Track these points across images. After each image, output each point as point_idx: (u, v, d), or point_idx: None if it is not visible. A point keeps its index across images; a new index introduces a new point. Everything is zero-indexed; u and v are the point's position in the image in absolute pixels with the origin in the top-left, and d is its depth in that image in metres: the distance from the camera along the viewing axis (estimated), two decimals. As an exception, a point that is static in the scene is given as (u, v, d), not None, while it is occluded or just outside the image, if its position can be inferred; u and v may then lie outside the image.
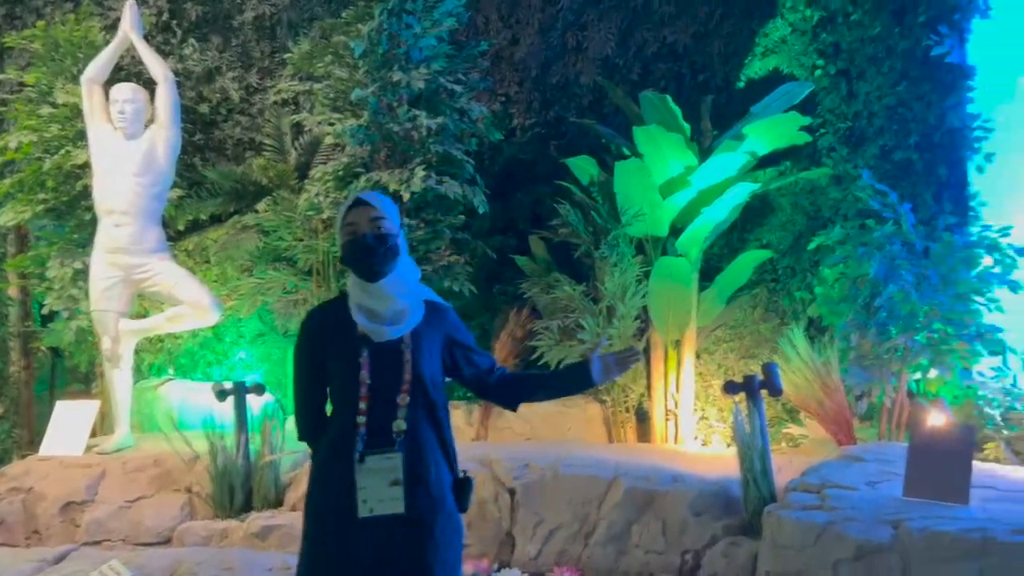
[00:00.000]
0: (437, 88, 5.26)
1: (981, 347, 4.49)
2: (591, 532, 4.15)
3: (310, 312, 2.52)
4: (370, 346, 2.36)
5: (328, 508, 2.34)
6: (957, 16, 5.01)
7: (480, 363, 2.51)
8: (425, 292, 2.47)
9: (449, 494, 2.37)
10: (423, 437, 2.35)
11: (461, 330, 2.51)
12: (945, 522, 3.08)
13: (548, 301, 5.58)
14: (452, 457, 2.43)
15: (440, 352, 2.43)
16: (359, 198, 2.38)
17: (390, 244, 2.34)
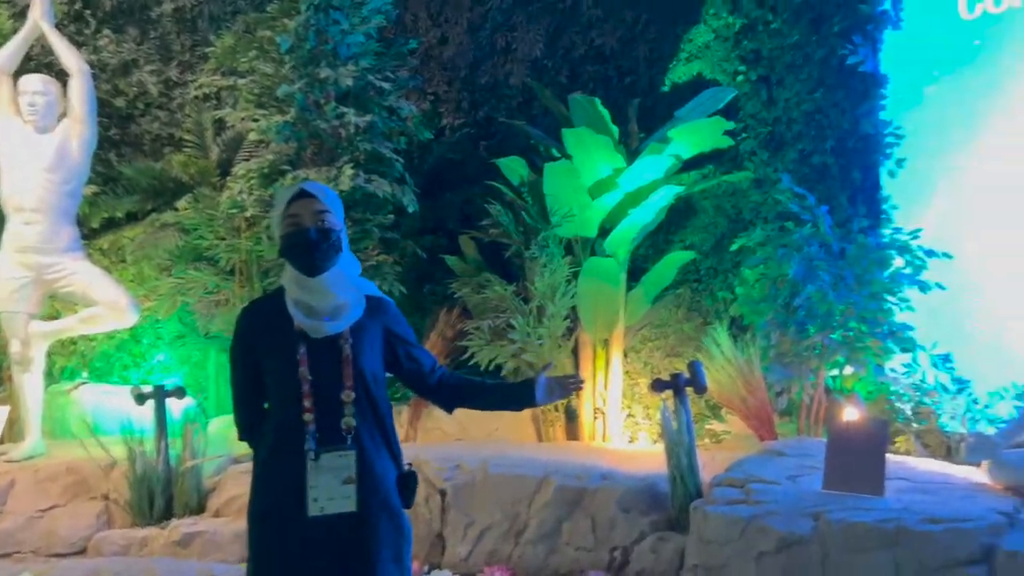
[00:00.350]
0: (366, 85, 5.21)
1: (893, 344, 4.69)
2: (522, 531, 4.16)
3: (245, 308, 2.46)
4: (308, 342, 2.31)
5: (274, 508, 2.29)
6: (870, 27, 5.22)
7: (421, 360, 2.48)
8: (366, 286, 2.42)
9: (394, 491, 2.35)
10: (368, 434, 2.32)
11: (402, 325, 2.47)
12: (862, 513, 3.21)
13: (478, 301, 5.58)
14: (396, 453, 2.40)
15: (381, 347, 2.40)
16: (303, 189, 2.31)
17: (333, 239, 2.28)
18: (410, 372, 2.48)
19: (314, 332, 2.29)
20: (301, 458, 2.24)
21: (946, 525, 3.02)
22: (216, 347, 5.98)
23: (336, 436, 2.27)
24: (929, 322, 4.83)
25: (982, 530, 2.97)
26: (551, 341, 5.41)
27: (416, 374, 2.49)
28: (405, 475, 2.38)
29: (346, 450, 2.26)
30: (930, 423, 4.66)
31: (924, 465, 4.08)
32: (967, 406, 4.50)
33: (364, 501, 2.27)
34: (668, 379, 4.20)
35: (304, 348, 2.30)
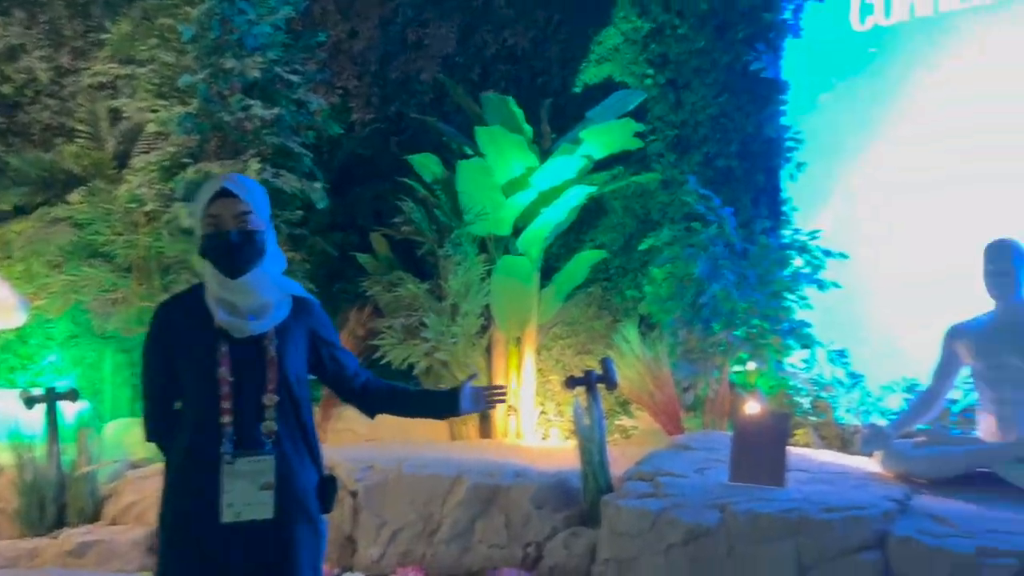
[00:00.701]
0: (273, 78, 5.07)
1: (793, 341, 4.88)
2: (435, 531, 4.14)
3: (162, 303, 2.35)
4: (229, 341, 2.22)
5: (187, 514, 2.20)
6: (772, 34, 5.41)
7: (345, 363, 2.41)
8: (291, 285, 2.35)
9: (314, 497, 2.27)
10: (289, 437, 2.24)
11: (327, 326, 2.40)
12: (765, 504, 3.32)
13: (390, 299, 5.52)
14: (317, 457, 2.33)
15: (306, 349, 2.32)
16: (225, 188, 2.20)
17: (256, 242, 2.20)
18: (333, 375, 2.41)
19: (236, 331, 2.21)
20: (217, 462, 2.16)
21: (843, 513, 3.15)
22: (112, 347, 5.72)
23: (255, 440, 2.19)
24: (826, 319, 5.04)
25: (875, 517, 3.12)
26: (465, 339, 5.40)
27: (339, 377, 2.42)
28: (325, 480, 2.32)
29: (265, 455, 2.18)
30: (827, 416, 4.86)
31: (822, 456, 4.26)
32: (861, 399, 4.72)
33: (282, 508, 2.19)
34: (581, 376, 4.25)
35: (225, 347, 2.21)
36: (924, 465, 3.63)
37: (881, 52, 5.04)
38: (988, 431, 3.73)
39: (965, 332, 3.79)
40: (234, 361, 2.20)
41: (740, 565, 3.20)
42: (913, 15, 4.87)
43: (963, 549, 2.83)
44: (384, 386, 2.48)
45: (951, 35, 4.73)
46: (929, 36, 4.82)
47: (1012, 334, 3.61)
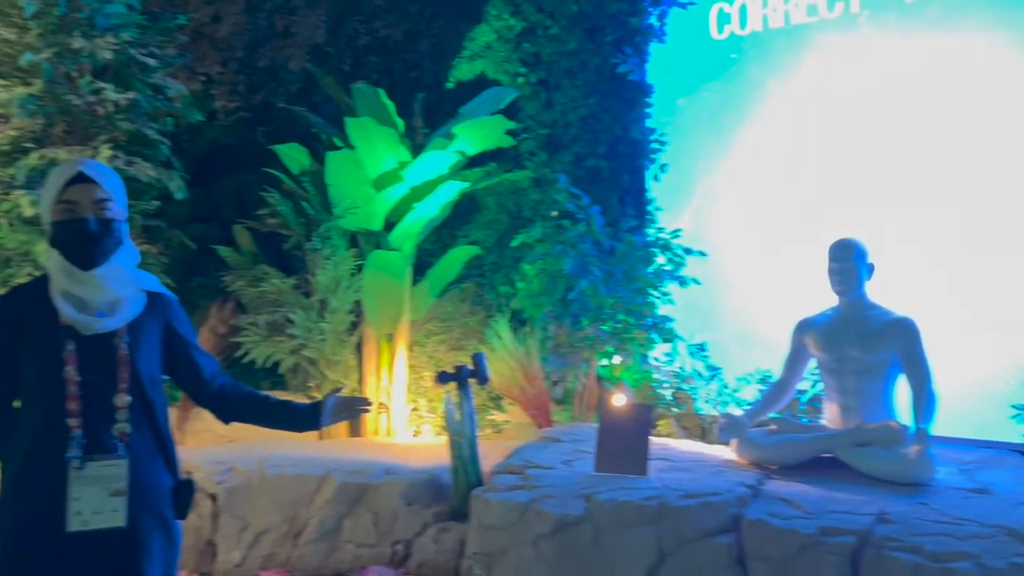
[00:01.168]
0: (127, 60, 4.78)
1: (656, 335, 5.06)
2: (301, 532, 4.03)
3: (2, 296, 2.20)
4: (77, 339, 2.10)
5: (29, 523, 2.06)
6: (639, 39, 5.59)
7: (202, 365, 2.33)
8: (146, 280, 2.24)
9: (169, 502, 2.20)
10: (143, 441, 2.15)
11: (185, 324, 2.31)
12: (628, 493, 3.42)
13: (255, 295, 5.32)
14: (173, 461, 2.24)
15: (160, 347, 2.23)
16: (82, 172, 2.08)
17: (115, 231, 2.10)
18: (189, 376, 2.33)
19: (84, 328, 2.10)
20: (63, 467, 2.04)
21: (700, 499, 3.29)
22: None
23: (106, 443, 2.09)
24: (688, 314, 5.26)
25: (730, 502, 3.28)
26: (334, 336, 5.29)
27: (195, 379, 2.34)
28: (181, 484, 2.24)
29: (117, 459, 2.08)
30: (688, 407, 5.08)
31: (682, 446, 4.43)
32: (719, 391, 4.94)
33: (135, 515, 2.11)
34: (452, 371, 4.24)
35: (72, 345, 2.10)
36: (775, 452, 3.83)
37: (739, 59, 5.30)
38: (832, 419, 3.98)
39: (811, 326, 4.03)
40: (82, 360, 2.09)
41: (605, 552, 3.28)
42: (767, 26, 5.15)
43: (808, 529, 3.02)
44: (242, 393, 2.40)
45: (801, 46, 5.03)
46: (781, 46, 5.11)
47: (853, 328, 3.87)
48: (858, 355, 3.84)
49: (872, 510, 3.14)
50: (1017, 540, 2.83)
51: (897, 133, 4.62)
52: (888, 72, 4.67)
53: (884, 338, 3.80)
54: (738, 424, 4.00)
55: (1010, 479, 3.55)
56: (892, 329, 3.80)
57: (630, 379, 5.23)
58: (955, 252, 4.44)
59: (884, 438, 3.63)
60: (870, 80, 4.72)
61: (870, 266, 3.90)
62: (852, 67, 4.80)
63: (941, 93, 4.49)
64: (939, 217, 4.48)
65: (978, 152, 4.37)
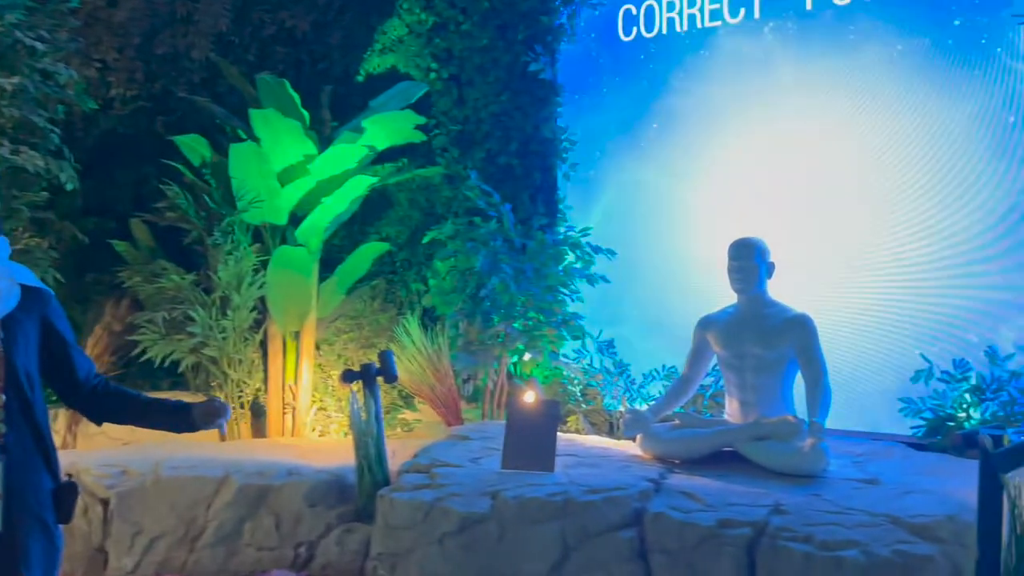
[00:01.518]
0: (14, 43, 4.51)
1: (566, 332, 5.09)
2: (198, 536, 3.89)
3: None
4: None
5: None
6: (550, 38, 5.61)
7: (78, 364, 2.24)
8: (20, 273, 2.14)
9: (49, 507, 2.12)
10: (20, 442, 2.06)
11: (63, 321, 2.22)
12: (534, 489, 3.43)
13: (152, 291, 5.12)
14: (53, 463, 2.16)
15: (37, 345, 2.14)
16: None
17: None
18: (64, 376, 2.24)
19: None
20: None
21: (604, 494, 3.33)
22: None
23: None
24: (595, 312, 5.32)
25: (633, 496, 3.32)
26: (236, 334, 5.13)
27: (70, 379, 2.24)
28: (62, 487, 2.16)
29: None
30: (596, 403, 5.13)
31: (590, 441, 4.47)
32: (626, 387, 5.01)
33: (13, 518, 2.03)
34: (358, 370, 4.17)
35: None
36: (677, 446, 3.90)
37: (647, 59, 5.38)
38: (733, 414, 4.09)
39: (713, 323, 4.12)
40: None
41: (511, 549, 3.28)
42: (672, 29, 5.24)
43: (707, 522, 3.09)
44: (118, 392, 2.32)
45: (707, 48, 5.14)
46: (687, 48, 5.21)
47: (752, 325, 3.98)
48: (758, 351, 3.94)
49: (768, 502, 3.23)
50: (901, 528, 2.96)
51: (799, 132, 4.76)
52: (789, 75, 4.82)
53: (782, 335, 3.92)
54: (643, 419, 4.06)
55: (897, 470, 3.71)
56: (789, 326, 3.92)
57: (540, 376, 5.26)
58: (851, 246, 4.60)
59: (781, 432, 3.74)
60: (773, 82, 4.86)
61: (771, 265, 4.01)
62: (756, 68, 4.92)
63: (837, 96, 4.65)
64: (837, 214, 4.65)
65: (873, 152, 4.55)
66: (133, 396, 2.34)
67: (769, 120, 4.86)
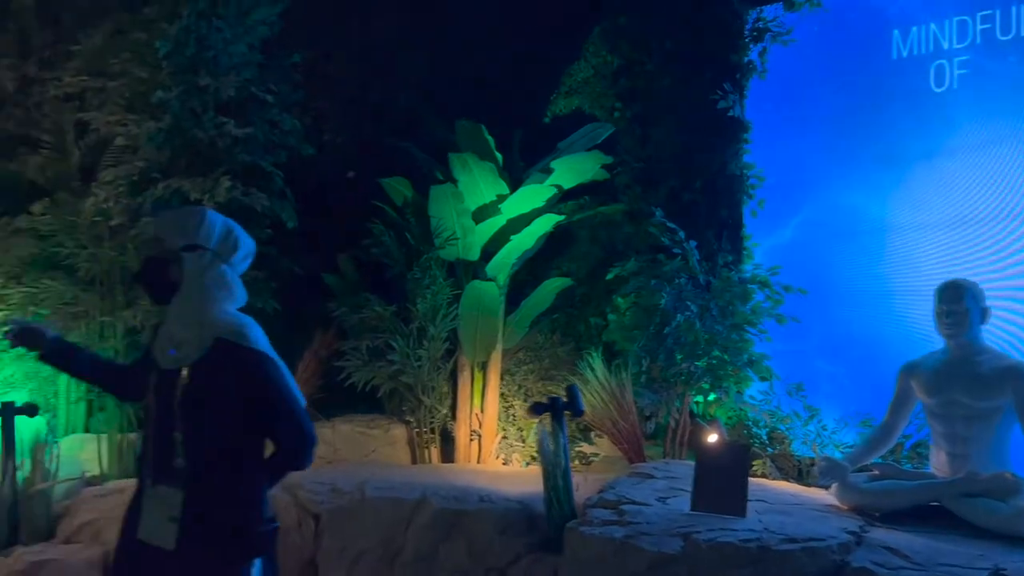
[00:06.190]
0: (248, 97, 5.07)
1: (752, 373, 5.00)
2: (397, 555, 4.13)
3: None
4: (158, 371, 2.30)
5: (127, 519, 2.33)
6: (738, 75, 5.58)
7: (275, 429, 2.29)
8: (228, 327, 2.26)
9: (231, 541, 2.24)
10: (207, 477, 2.23)
11: (263, 385, 2.25)
12: (727, 533, 3.39)
13: (356, 321, 5.52)
14: (247, 500, 2.27)
15: (232, 397, 2.23)
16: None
17: (158, 270, 2.28)
18: (264, 433, 2.30)
19: (161, 360, 2.28)
20: (143, 482, 2.30)
21: (802, 544, 3.24)
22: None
23: (169, 472, 2.23)
24: (784, 353, 5.18)
25: (833, 549, 3.21)
26: (430, 363, 5.42)
27: (270, 437, 2.30)
28: (241, 528, 2.23)
29: (173, 488, 2.21)
30: (783, 447, 4.98)
31: (779, 487, 4.35)
32: (817, 432, 4.84)
33: (186, 544, 2.20)
34: (546, 402, 4.29)
35: (154, 377, 2.29)
36: (877, 498, 3.73)
37: (852, 87, 5.19)
38: (939, 465, 3.86)
39: (919, 369, 3.92)
40: (157, 391, 2.27)
41: (701, 593, 3.26)
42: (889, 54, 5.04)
43: (918, 581, 2.93)
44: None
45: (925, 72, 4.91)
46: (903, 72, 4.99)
47: (962, 372, 3.75)
48: (967, 401, 3.72)
49: (986, 565, 3.03)
50: None
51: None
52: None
53: (996, 384, 3.67)
54: (839, 468, 3.91)
55: None
56: (1005, 375, 3.67)
57: (723, 417, 5.18)
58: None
59: (997, 489, 3.49)
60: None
61: (984, 309, 3.78)
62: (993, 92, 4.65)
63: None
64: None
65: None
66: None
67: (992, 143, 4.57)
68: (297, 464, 2.33)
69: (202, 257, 2.29)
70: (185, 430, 2.21)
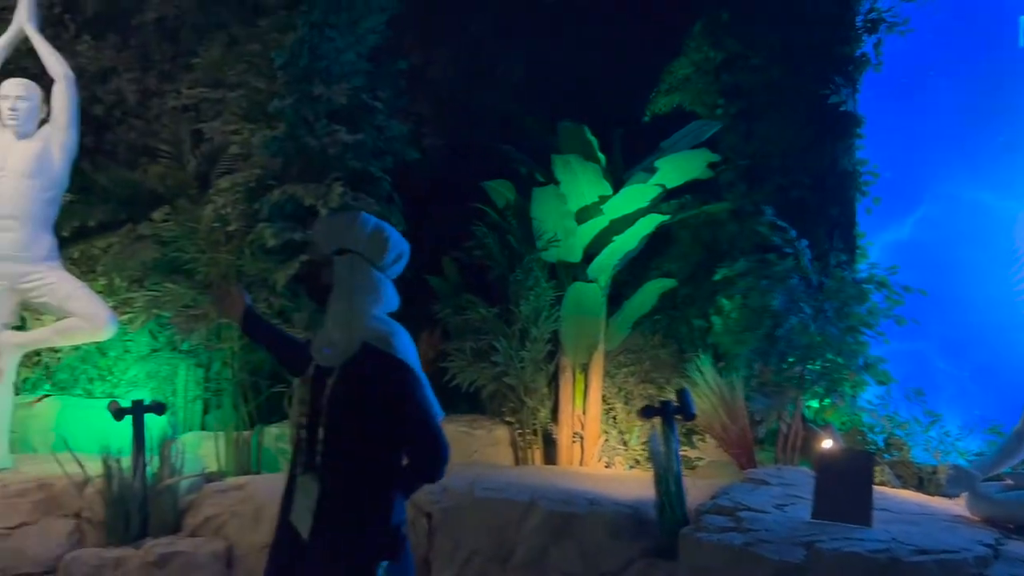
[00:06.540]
0: (358, 104, 5.19)
1: (869, 377, 4.82)
2: (509, 556, 4.15)
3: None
4: (316, 365, 2.36)
5: (282, 501, 2.42)
6: (851, 68, 5.39)
7: (409, 442, 2.31)
8: (379, 335, 2.30)
9: (359, 543, 2.27)
10: (344, 478, 2.27)
11: (400, 394, 2.27)
12: (854, 544, 3.28)
13: (459, 323, 5.58)
14: (377, 506, 2.30)
15: (372, 403, 2.26)
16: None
17: (309, 274, 2.45)
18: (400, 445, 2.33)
19: (318, 356, 2.36)
20: (295, 469, 2.39)
21: (935, 556, 3.11)
22: (187, 362, 5.84)
23: (313, 463, 2.31)
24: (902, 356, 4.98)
25: (970, 562, 3.07)
26: (532, 365, 5.43)
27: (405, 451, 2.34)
28: (371, 532, 2.26)
29: (313, 481, 2.28)
30: (902, 454, 4.79)
31: (900, 495, 4.19)
32: (939, 439, 4.63)
33: (317, 536, 2.27)
34: (656, 405, 4.24)
35: (312, 370, 2.36)
36: (1013, 509, 3.56)
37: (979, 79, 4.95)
38: (1080, 476, 3.65)
39: (1057, 374, 3.72)
40: (313, 384, 2.34)
41: (827, 605, 3.16)
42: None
43: (1067, 600, 2.78)
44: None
45: None
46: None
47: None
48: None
49: None
50: None
51: None
52: None
53: None
54: (969, 477, 3.75)
55: None
56: None
57: (837, 422, 5.02)
58: None
59: None
60: None
61: None
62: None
63: None
64: None
65: None
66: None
67: None
68: (428, 478, 2.38)
69: (351, 260, 2.34)
70: (328, 427, 2.28)
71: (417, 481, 2.42)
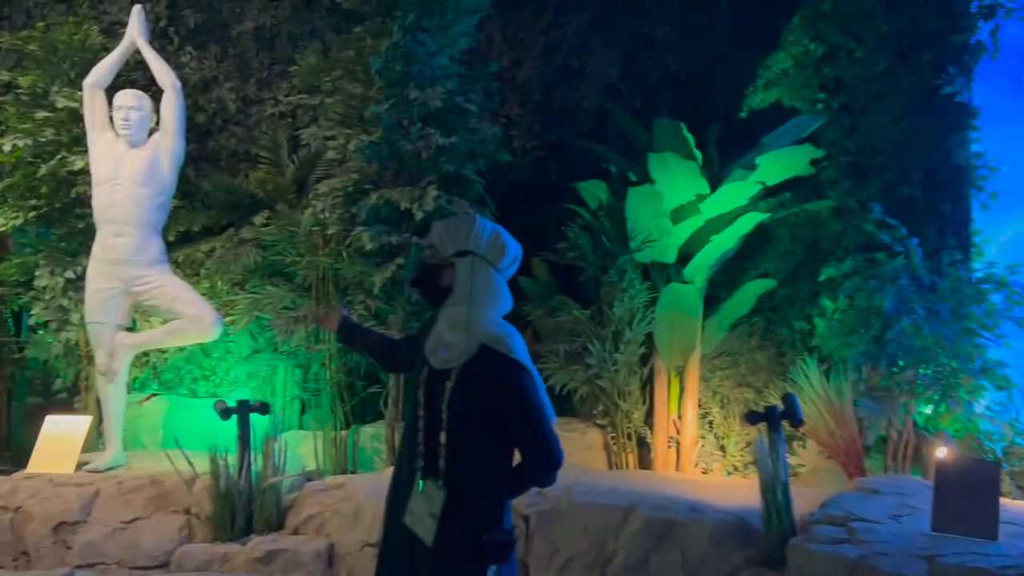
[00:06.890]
0: (452, 107, 5.21)
1: (987, 382, 4.56)
2: (608, 562, 4.09)
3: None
4: (429, 368, 2.32)
5: (392, 499, 2.39)
6: (965, 56, 5.12)
7: (522, 447, 2.30)
8: (493, 336, 2.28)
9: (476, 547, 2.24)
10: (463, 483, 2.25)
11: (516, 397, 2.26)
12: (978, 558, 3.10)
13: (551, 324, 5.53)
14: (498, 511, 2.29)
15: (491, 406, 2.25)
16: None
17: (421, 275, 2.48)
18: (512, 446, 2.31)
19: (432, 359, 2.32)
20: (413, 472, 2.31)
21: (1074, 575, 2.91)
22: (286, 363, 5.99)
23: (435, 469, 2.26)
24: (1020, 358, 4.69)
25: (1113, 582, 2.86)
26: (626, 368, 5.34)
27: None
28: (490, 540, 2.23)
29: (437, 488, 2.24)
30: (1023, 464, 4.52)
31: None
32: (1068, 448, 4.35)
33: (442, 542, 2.23)
34: (762, 411, 4.11)
35: (426, 372, 2.32)
36: None
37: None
38: None
39: None
40: (428, 388, 2.30)
41: (953, 623, 2.99)
42: None
43: None
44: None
45: None
46: None
47: None
48: None
49: None
50: None
51: None
52: None
53: None
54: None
55: None
56: None
57: (951, 429, 4.77)
58: None
59: None
60: None
61: None
62: None
63: None
64: None
65: None
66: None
67: None
68: (540, 481, 2.35)
69: (472, 262, 2.33)
70: (449, 432, 2.25)
71: (528, 484, 2.39)
